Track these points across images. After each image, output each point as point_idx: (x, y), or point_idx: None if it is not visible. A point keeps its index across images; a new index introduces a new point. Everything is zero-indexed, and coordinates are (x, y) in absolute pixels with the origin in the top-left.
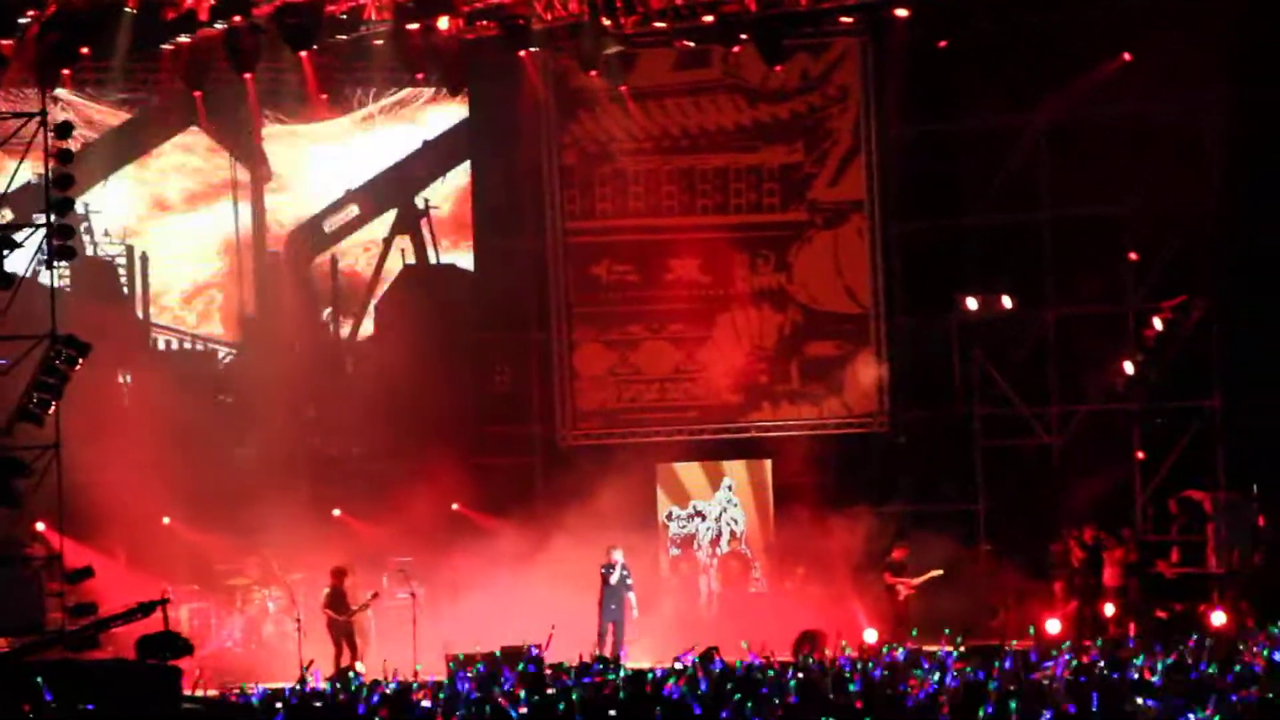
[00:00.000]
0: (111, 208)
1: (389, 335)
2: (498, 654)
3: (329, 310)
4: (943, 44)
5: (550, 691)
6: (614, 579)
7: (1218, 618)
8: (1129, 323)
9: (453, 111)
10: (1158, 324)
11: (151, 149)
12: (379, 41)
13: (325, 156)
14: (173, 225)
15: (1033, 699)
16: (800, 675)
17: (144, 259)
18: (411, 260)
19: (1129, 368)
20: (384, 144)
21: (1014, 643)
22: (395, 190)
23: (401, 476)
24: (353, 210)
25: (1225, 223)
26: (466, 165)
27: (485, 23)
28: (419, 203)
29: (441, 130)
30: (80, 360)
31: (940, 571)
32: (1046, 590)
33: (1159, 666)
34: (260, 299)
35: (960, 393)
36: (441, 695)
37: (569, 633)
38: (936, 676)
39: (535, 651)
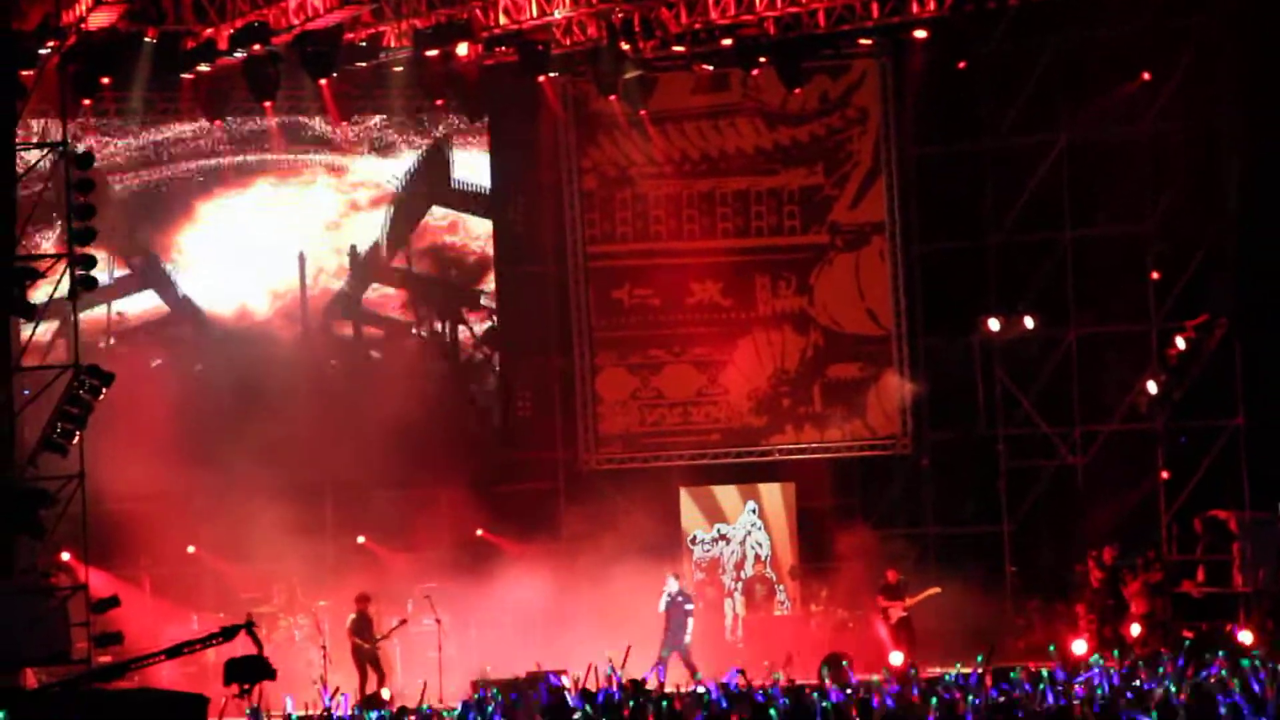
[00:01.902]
0: None
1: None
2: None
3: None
4: (962, 65)
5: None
6: (660, 606)
7: (1245, 636)
8: (1152, 342)
9: None
10: (1180, 343)
11: None
12: (399, 68)
13: None
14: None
15: None
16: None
17: None
18: None
19: (1152, 387)
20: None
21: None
22: None
23: (425, 503)
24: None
25: (1246, 241)
26: None
27: (504, 49)
28: None
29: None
30: (104, 390)
31: (938, 590)
32: (1071, 611)
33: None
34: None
35: (983, 414)
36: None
37: (593, 655)
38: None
39: (555, 681)
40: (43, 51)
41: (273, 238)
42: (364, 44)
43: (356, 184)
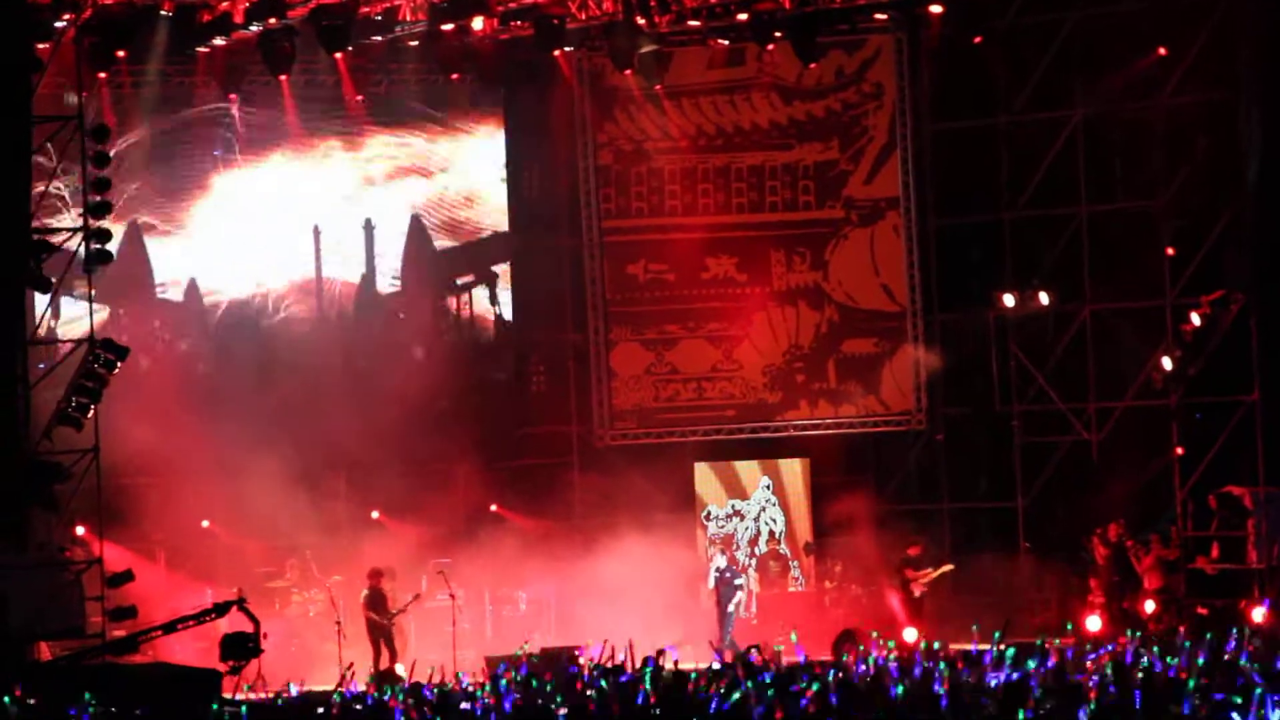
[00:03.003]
0: None
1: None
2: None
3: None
4: (977, 39)
5: (589, 693)
6: (709, 583)
7: (1259, 613)
8: (1166, 318)
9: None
10: (1195, 319)
11: None
12: (414, 42)
13: None
14: None
15: (1072, 698)
16: (840, 674)
17: None
18: None
19: (1167, 363)
20: None
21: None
22: None
23: (439, 478)
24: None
25: (1262, 216)
26: None
27: (520, 22)
28: None
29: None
30: (118, 364)
31: (950, 566)
32: (1086, 587)
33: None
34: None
35: (998, 389)
36: (480, 694)
37: (607, 632)
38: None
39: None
40: (58, 24)
41: (288, 212)
42: (379, 17)
43: (372, 158)
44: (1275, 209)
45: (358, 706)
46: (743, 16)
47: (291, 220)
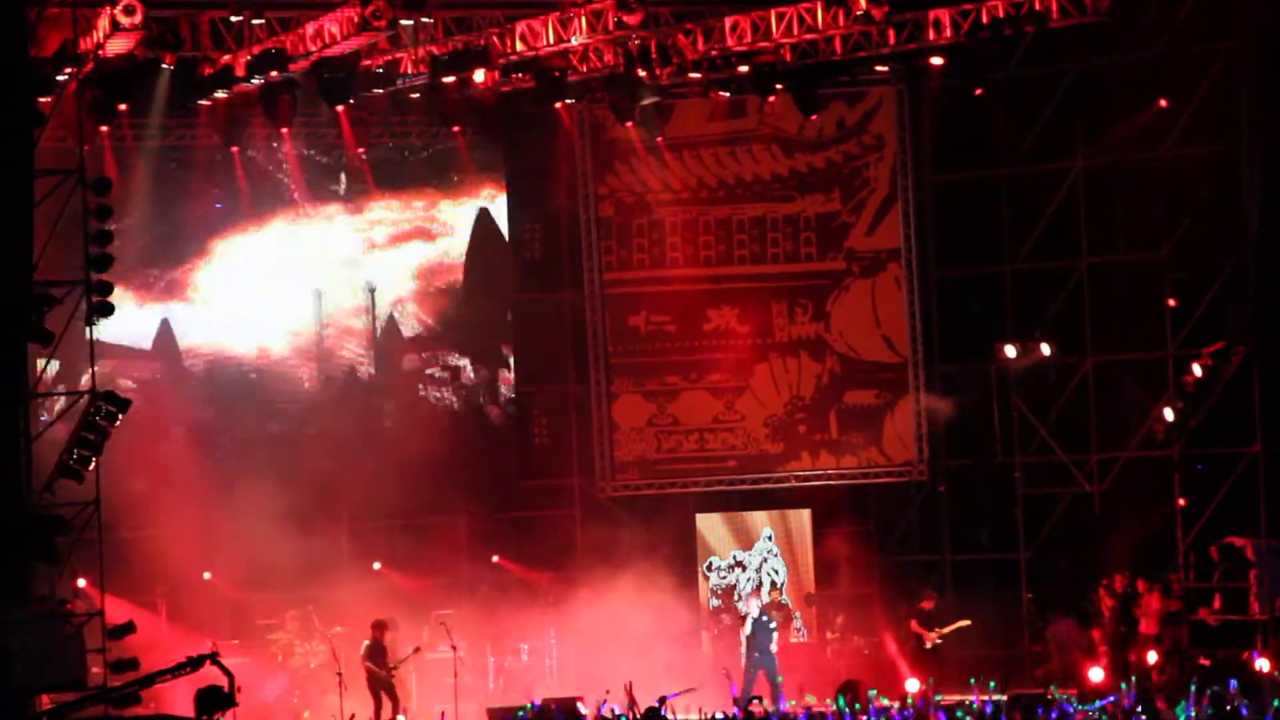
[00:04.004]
0: None
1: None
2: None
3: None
4: (978, 91)
5: None
6: (746, 630)
7: (1261, 664)
8: (1168, 369)
9: None
10: (1197, 370)
11: None
12: (415, 95)
13: None
14: None
15: None
16: None
17: None
18: None
19: (1169, 414)
20: None
21: (1054, 690)
22: None
23: (441, 530)
24: None
25: (1263, 267)
26: None
27: (521, 75)
28: None
29: None
30: (120, 416)
31: (967, 622)
32: (1088, 639)
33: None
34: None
35: (1000, 441)
36: None
37: (608, 683)
38: None
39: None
40: (60, 78)
41: (290, 276)
42: (381, 70)
43: (375, 222)
44: (1277, 260)
45: None
46: (743, 69)
47: (293, 281)
